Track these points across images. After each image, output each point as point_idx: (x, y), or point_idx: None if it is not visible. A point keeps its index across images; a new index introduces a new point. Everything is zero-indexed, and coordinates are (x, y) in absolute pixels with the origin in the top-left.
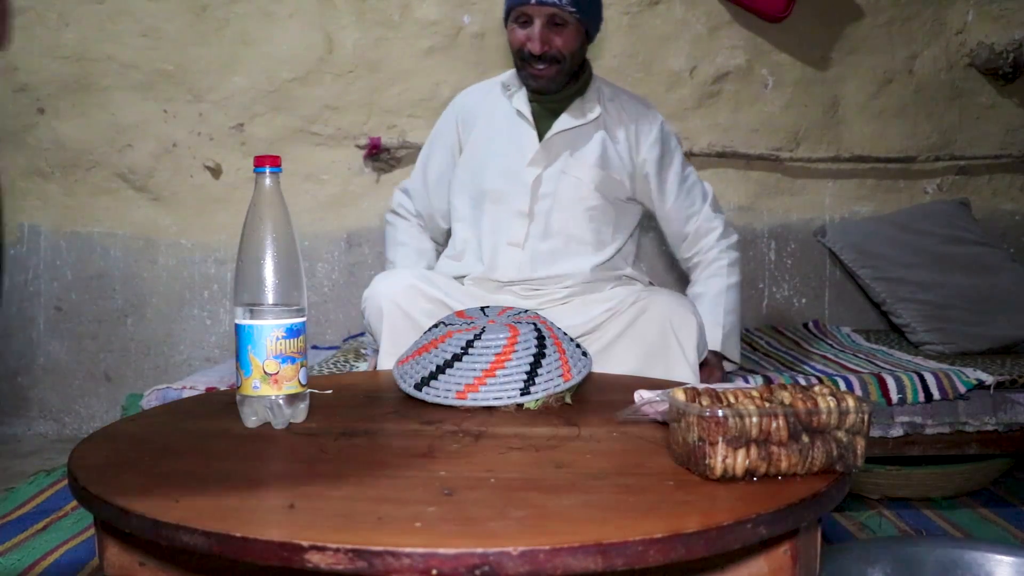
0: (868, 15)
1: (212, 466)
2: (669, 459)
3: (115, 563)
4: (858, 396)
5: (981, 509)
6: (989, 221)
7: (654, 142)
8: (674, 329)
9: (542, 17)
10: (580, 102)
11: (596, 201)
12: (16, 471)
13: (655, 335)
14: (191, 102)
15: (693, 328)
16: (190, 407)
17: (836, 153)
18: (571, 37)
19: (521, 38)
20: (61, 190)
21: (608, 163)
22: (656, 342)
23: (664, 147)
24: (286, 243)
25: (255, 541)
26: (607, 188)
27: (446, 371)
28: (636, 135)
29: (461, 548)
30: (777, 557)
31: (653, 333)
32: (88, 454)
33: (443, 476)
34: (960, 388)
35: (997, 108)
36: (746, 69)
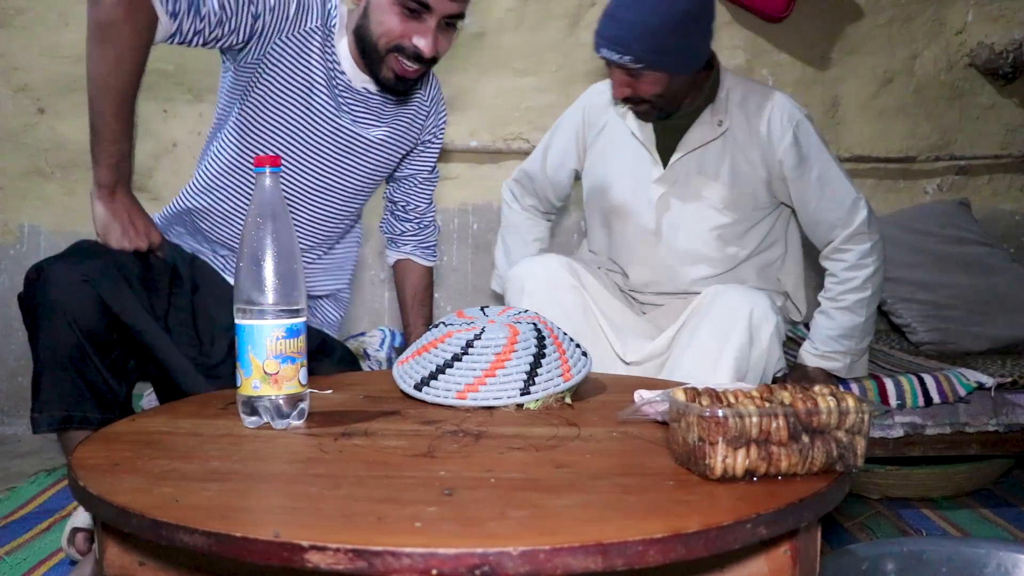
0: (868, 15)
1: (212, 466)
2: (669, 459)
3: (115, 563)
4: (858, 396)
5: (981, 509)
6: (989, 221)
7: (789, 147)
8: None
9: (616, 67)
10: (709, 113)
11: (727, 219)
12: (16, 471)
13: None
14: (191, 102)
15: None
16: (190, 407)
17: (836, 153)
18: (651, 83)
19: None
20: (61, 190)
21: (738, 179)
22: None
23: (801, 153)
24: (286, 243)
25: (255, 541)
26: (739, 204)
27: (446, 371)
28: (769, 141)
29: (461, 548)
30: (777, 557)
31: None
32: (88, 454)
33: (443, 476)
34: (960, 391)
35: (997, 108)
36: (746, 69)
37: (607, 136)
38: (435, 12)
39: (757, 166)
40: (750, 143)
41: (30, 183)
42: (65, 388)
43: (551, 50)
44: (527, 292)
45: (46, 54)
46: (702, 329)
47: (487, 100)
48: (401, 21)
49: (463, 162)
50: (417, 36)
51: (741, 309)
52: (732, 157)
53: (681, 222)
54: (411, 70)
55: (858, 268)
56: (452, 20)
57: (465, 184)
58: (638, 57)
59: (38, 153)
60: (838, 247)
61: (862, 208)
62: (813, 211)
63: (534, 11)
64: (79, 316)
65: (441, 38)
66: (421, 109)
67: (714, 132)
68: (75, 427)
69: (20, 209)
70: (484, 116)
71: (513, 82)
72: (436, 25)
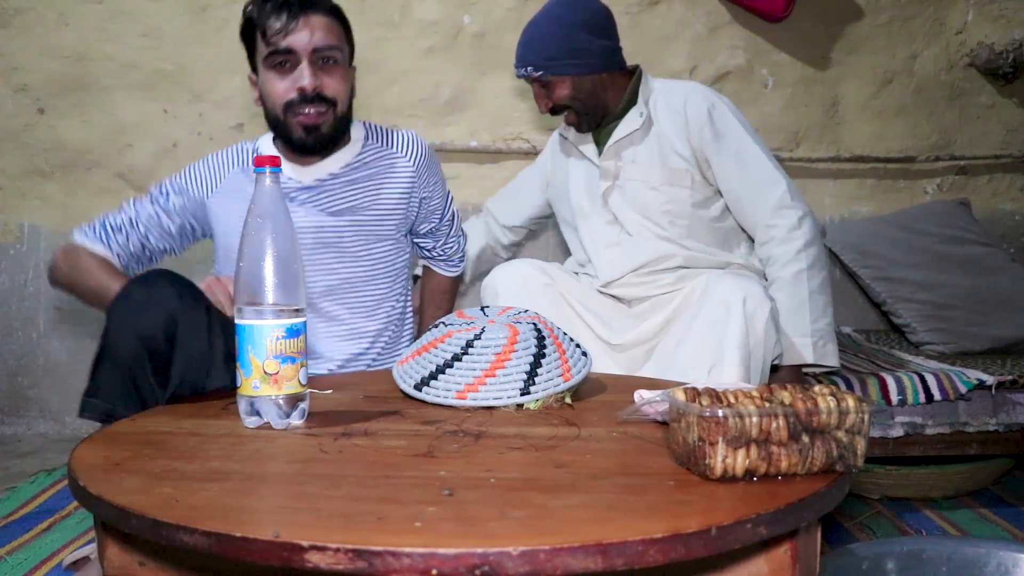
0: (868, 15)
1: (212, 466)
2: (669, 459)
3: (115, 563)
4: (858, 396)
5: (981, 509)
6: (989, 221)
7: (704, 123)
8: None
9: (535, 88)
10: (633, 112)
11: (665, 197)
12: (16, 471)
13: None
14: (191, 102)
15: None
16: (190, 407)
17: (836, 153)
18: (565, 90)
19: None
20: (61, 190)
21: (666, 159)
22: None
23: (717, 129)
24: (286, 243)
25: (255, 541)
26: (674, 182)
27: (446, 371)
28: (685, 119)
29: (461, 548)
30: (777, 557)
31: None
32: (88, 454)
33: (443, 476)
34: (961, 388)
35: (997, 108)
36: (746, 69)
37: (565, 157)
38: (299, 52)
39: (679, 146)
40: (669, 124)
41: (30, 183)
42: (117, 384)
43: None
44: (500, 295)
45: (46, 54)
46: (698, 322)
47: (487, 100)
48: (280, 79)
49: (463, 162)
50: (297, 81)
51: (734, 299)
52: (659, 143)
53: (630, 208)
54: (310, 115)
55: (788, 242)
56: (327, 55)
57: (465, 184)
58: (537, 66)
59: (38, 153)
60: (766, 225)
61: (780, 180)
62: (735, 188)
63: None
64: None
65: (323, 76)
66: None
67: (637, 123)
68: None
69: (20, 209)
70: (484, 116)
71: (513, 82)
72: (310, 63)
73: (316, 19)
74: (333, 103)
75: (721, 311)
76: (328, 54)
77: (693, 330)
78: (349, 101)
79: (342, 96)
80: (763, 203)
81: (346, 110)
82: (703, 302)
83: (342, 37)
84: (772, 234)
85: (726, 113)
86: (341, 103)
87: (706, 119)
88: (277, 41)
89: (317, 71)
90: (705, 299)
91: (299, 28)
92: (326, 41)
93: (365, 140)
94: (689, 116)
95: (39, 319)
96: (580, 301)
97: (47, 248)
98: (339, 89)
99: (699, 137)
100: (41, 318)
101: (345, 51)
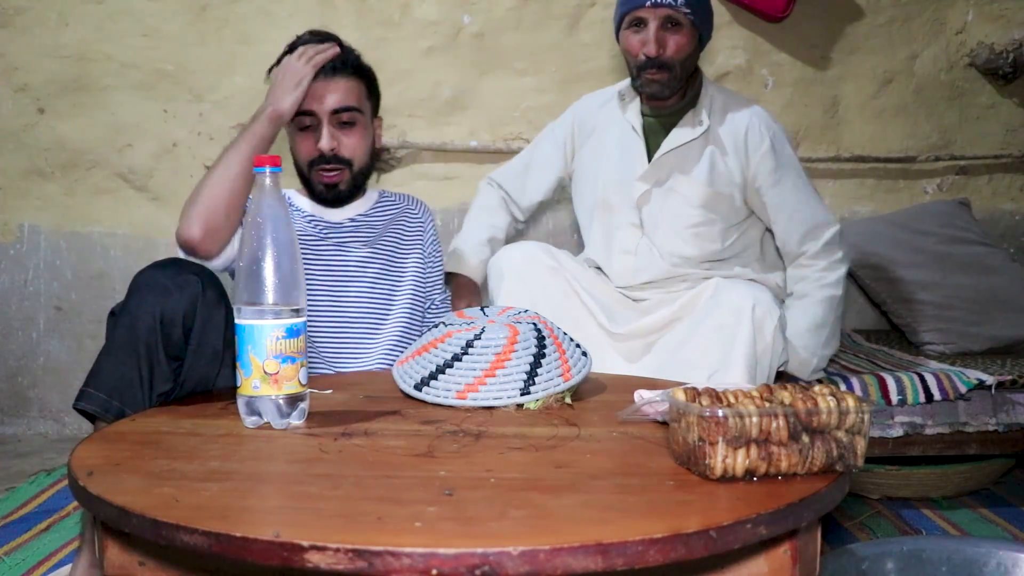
0: (868, 15)
1: (212, 466)
2: (669, 459)
3: (115, 563)
4: (858, 396)
5: (981, 509)
6: (989, 221)
7: (765, 155)
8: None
9: (657, 19)
10: (692, 115)
11: (702, 218)
12: (16, 471)
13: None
14: (191, 102)
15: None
16: (190, 407)
17: (836, 153)
18: (685, 40)
19: (636, 44)
20: (61, 190)
21: (716, 179)
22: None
23: (776, 162)
24: (286, 243)
25: (255, 541)
26: (715, 205)
27: (446, 371)
28: (746, 147)
29: (461, 548)
30: (777, 557)
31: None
32: (88, 454)
33: (443, 476)
34: (960, 388)
35: (997, 108)
36: (746, 69)
37: (597, 136)
38: (319, 114)
39: (733, 171)
40: (729, 147)
41: (30, 183)
42: (125, 375)
43: (551, 50)
44: (505, 276)
45: (46, 54)
46: (706, 324)
47: (487, 100)
48: (304, 138)
49: (463, 162)
50: (318, 142)
51: (744, 305)
52: (711, 158)
53: (661, 218)
54: (328, 176)
55: (830, 270)
56: (347, 116)
57: (465, 184)
58: (688, 1)
59: (38, 153)
60: (812, 255)
61: (833, 222)
62: (787, 219)
63: (534, 11)
64: (169, 306)
65: (343, 136)
66: (415, 223)
67: (695, 131)
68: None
69: (20, 209)
70: (484, 116)
71: (513, 82)
72: (329, 124)
73: (338, 83)
74: (349, 163)
75: (730, 316)
76: (347, 116)
77: (700, 332)
78: (368, 156)
79: (359, 155)
80: (814, 238)
81: (365, 165)
82: (712, 306)
83: (363, 95)
84: (817, 262)
85: (785, 146)
86: (357, 161)
87: (768, 151)
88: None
89: (336, 132)
90: (714, 303)
91: (321, 92)
92: (345, 103)
93: (380, 196)
94: (750, 145)
95: (39, 319)
96: (585, 288)
97: (47, 248)
98: (356, 149)
99: (757, 168)
100: (41, 318)
101: (367, 108)
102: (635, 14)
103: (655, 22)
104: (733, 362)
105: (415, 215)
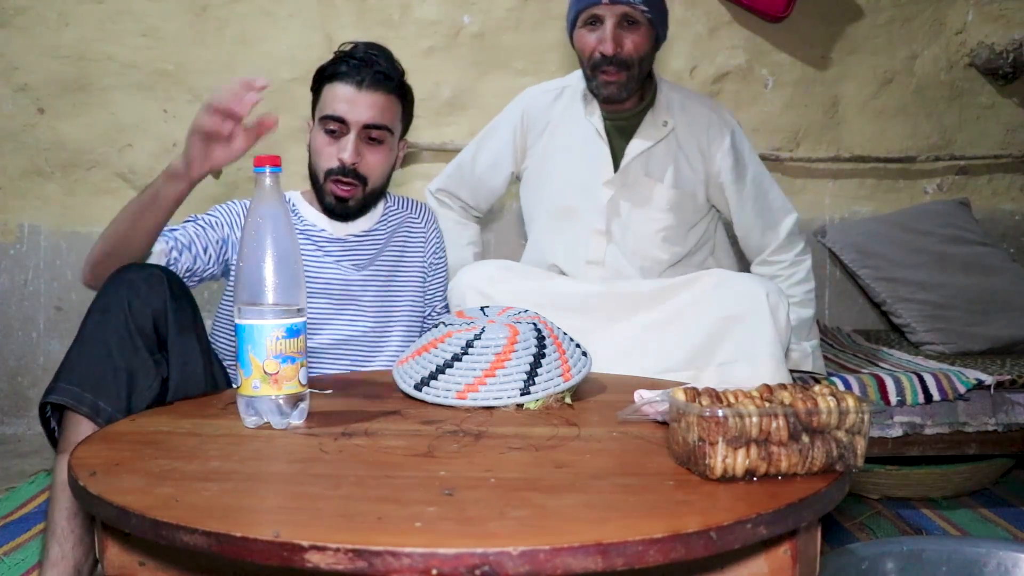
0: (868, 15)
1: (212, 466)
2: (669, 459)
3: (115, 563)
4: (858, 396)
5: (981, 509)
6: (989, 221)
7: (727, 151)
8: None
9: (614, 17)
10: (652, 116)
11: (671, 221)
12: (16, 471)
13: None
14: (191, 102)
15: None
16: (190, 407)
17: (836, 153)
18: (642, 39)
19: (592, 42)
20: (61, 190)
21: (681, 181)
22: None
23: (737, 156)
24: (286, 243)
25: (255, 541)
26: (682, 206)
27: (446, 371)
28: (708, 144)
29: (461, 548)
30: (777, 557)
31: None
32: (88, 454)
33: (443, 476)
34: (960, 388)
35: (997, 108)
36: (746, 69)
37: (552, 137)
38: (350, 124)
39: (697, 169)
40: (691, 146)
41: (30, 183)
42: (100, 371)
43: (551, 50)
44: (468, 299)
45: (46, 54)
46: (715, 314)
47: (487, 100)
48: (328, 143)
49: None
50: (341, 152)
51: (757, 291)
52: (675, 159)
53: (630, 224)
54: (342, 189)
55: (797, 264)
56: (376, 133)
57: None
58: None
59: (38, 153)
60: (778, 246)
61: (792, 210)
62: (749, 214)
63: (534, 11)
64: (146, 301)
65: (367, 152)
66: (418, 237)
67: (660, 133)
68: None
69: (20, 209)
70: (484, 116)
71: (513, 82)
72: (357, 137)
73: (377, 97)
74: (365, 181)
75: (745, 303)
76: (376, 133)
77: (710, 321)
78: (386, 177)
79: (377, 174)
80: (775, 231)
81: (380, 186)
82: (721, 296)
83: (397, 116)
84: (784, 257)
85: (744, 141)
86: (373, 180)
87: (728, 148)
88: (335, 107)
89: (361, 146)
90: (723, 292)
91: (358, 101)
92: (379, 120)
93: (387, 203)
94: (712, 141)
95: (39, 319)
96: (552, 303)
97: (47, 248)
98: (376, 168)
99: (720, 164)
100: (41, 318)
101: (397, 129)
102: (591, 11)
103: (612, 19)
104: (758, 352)
105: (417, 225)
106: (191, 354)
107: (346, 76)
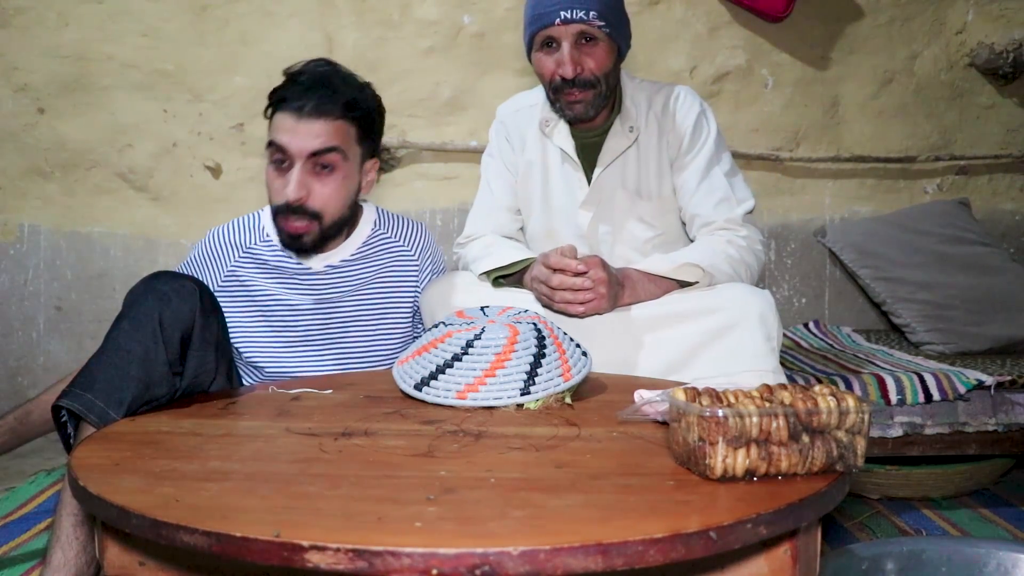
0: (868, 15)
1: (212, 466)
2: (669, 459)
3: (115, 563)
4: (858, 396)
5: (981, 509)
6: (989, 221)
7: (691, 126)
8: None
9: (570, 37)
10: (619, 123)
11: (657, 231)
12: (16, 471)
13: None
14: (191, 102)
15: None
16: (190, 407)
17: (836, 153)
18: (604, 54)
19: (551, 65)
20: (61, 190)
21: (660, 186)
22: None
23: (698, 132)
24: None
25: (255, 541)
26: (664, 215)
27: (446, 371)
28: (674, 124)
29: (461, 548)
30: (777, 557)
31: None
32: (88, 454)
33: (443, 476)
34: (960, 388)
35: (997, 108)
36: (746, 69)
37: (529, 156)
38: (292, 155)
39: (664, 164)
40: (660, 142)
41: (30, 183)
42: (121, 381)
43: None
44: (438, 313)
45: (46, 54)
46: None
47: (487, 100)
48: (276, 176)
49: (463, 162)
50: (285, 187)
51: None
52: (647, 165)
53: (614, 242)
54: (292, 226)
55: (748, 240)
56: (326, 159)
57: (465, 184)
58: (601, 14)
59: (38, 153)
60: (726, 221)
61: (752, 199)
62: (704, 188)
63: None
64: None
65: (316, 183)
66: (407, 268)
67: (628, 140)
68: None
69: (20, 209)
70: (484, 116)
71: (513, 82)
72: (302, 169)
73: (320, 124)
74: (319, 216)
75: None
76: (326, 159)
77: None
78: (347, 206)
79: (332, 207)
80: (728, 206)
81: (340, 217)
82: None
83: (351, 138)
84: (736, 229)
85: (712, 121)
86: (329, 214)
87: (693, 123)
88: (278, 136)
89: (308, 179)
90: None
91: (299, 130)
92: (326, 144)
93: (374, 227)
94: (677, 120)
95: (39, 319)
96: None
97: (47, 248)
98: (330, 200)
99: (681, 141)
100: (41, 318)
101: (354, 152)
102: (545, 33)
103: (568, 40)
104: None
105: (410, 258)
106: (205, 366)
107: (286, 104)
